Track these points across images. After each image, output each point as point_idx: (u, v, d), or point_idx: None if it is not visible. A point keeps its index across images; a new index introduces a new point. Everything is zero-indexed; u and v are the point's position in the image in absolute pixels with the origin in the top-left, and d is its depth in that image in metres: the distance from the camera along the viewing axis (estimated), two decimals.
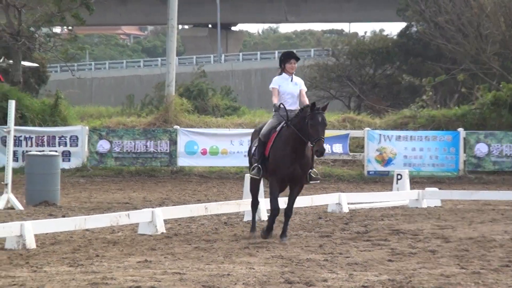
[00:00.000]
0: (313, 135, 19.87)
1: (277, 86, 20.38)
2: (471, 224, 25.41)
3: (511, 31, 51.62)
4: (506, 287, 14.93)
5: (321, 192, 34.30)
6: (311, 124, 19.88)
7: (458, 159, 46.41)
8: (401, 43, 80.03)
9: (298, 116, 20.38)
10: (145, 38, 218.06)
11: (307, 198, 29.26)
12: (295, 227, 24.20)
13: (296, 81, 20.74)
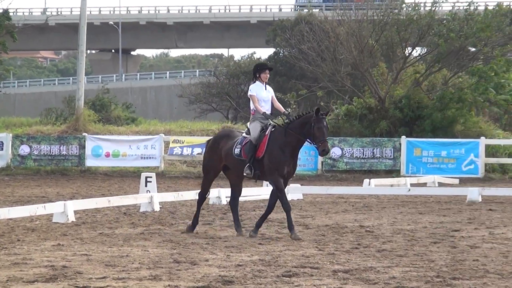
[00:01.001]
0: (318, 137, 19.19)
1: (255, 93, 19.85)
2: (327, 214, 25.52)
3: (360, 56, 52.02)
4: (356, 265, 14.99)
5: None
6: (317, 127, 19.12)
7: (317, 161, 46.75)
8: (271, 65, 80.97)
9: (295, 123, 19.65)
10: (60, 61, 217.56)
11: (191, 192, 29.23)
12: (182, 217, 24.14)
13: (268, 88, 20.28)
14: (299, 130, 19.46)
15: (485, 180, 42.48)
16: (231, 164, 19.95)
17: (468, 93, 50.83)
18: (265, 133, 19.44)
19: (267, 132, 19.47)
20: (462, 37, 51.35)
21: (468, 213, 25.76)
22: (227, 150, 19.85)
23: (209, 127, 56.69)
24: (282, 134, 19.48)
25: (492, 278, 13.67)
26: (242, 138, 19.79)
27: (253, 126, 19.70)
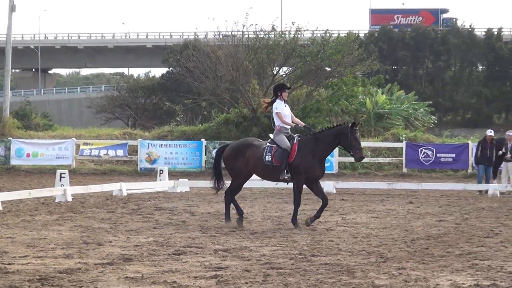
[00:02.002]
0: (355, 145, 18.78)
1: (280, 111, 19.27)
2: (210, 203, 25.43)
3: (237, 74, 52.31)
4: (233, 245, 14.96)
5: (109, 181, 33.96)
6: (353, 138, 18.71)
7: (201, 159, 46.69)
8: (163, 82, 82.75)
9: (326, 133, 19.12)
10: None
11: (98, 186, 29.02)
12: (90, 206, 23.80)
13: (287, 106, 19.81)
14: (332, 139, 19.03)
15: (338, 175, 42.81)
16: (260, 169, 19.18)
17: (324, 104, 51.60)
18: (293, 142, 18.92)
19: (295, 141, 18.97)
20: (320, 58, 52.08)
21: None
22: (257, 158, 18.95)
23: (112, 132, 56.35)
24: (311, 142, 18.93)
25: (344, 255, 13.78)
26: (269, 147, 18.94)
27: (280, 138, 18.95)
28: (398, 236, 16.60)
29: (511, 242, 15.55)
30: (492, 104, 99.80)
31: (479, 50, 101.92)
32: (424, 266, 12.51)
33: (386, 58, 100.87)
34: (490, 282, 11.06)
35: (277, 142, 18.85)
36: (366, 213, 22.12)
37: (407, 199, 27.90)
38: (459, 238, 16.20)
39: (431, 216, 21.38)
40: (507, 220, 20.33)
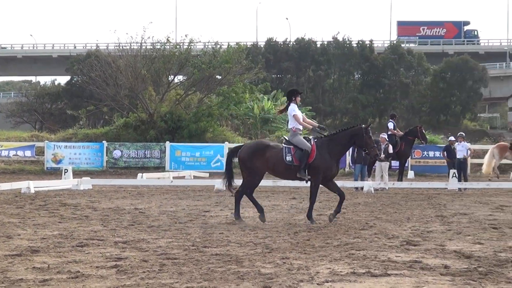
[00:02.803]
0: (370, 144, 18.79)
1: (297, 113, 18.85)
2: (110, 200, 25.20)
3: (135, 82, 52.20)
4: (132, 237, 14.85)
5: (18, 180, 33.32)
6: (368, 137, 18.70)
7: (103, 160, 46.37)
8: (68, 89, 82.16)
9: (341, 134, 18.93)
10: None
11: (8, 184, 28.48)
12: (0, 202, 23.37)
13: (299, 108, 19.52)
14: (347, 140, 18.88)
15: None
16: (280, 169, 18.70)
17: (215, 109, 51.85)
18: (311, 143, 18.63)
19: (312, 142, 18.70)
20: (211, 68, 52.33)
21: (215, 199, 25.95)
22: (278, 158, 18.50)
23: (21, 135, 55.70)
24: (327, 143, 18.70)
25: (233, 246, 13.76)
26: (287, 148, 18.53)
27: (299, 139, 18.62)
28: (282, 229, 16.67)
29: (384, 233, 15.77)
30: (367, 109, 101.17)
31: (355, 60, 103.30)
32: (306, 256, 12.58)
33: (272, 67, 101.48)
34: (365, 270, 11.19)
35: (296, 143, 18.55)
36: (253, 208, 22.13)
37: (290, 195, 28.11)
38: (337, 231, 16.36)
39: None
40: (381, 214, 20.64)
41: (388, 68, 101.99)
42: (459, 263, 11.89)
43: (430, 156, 42.92)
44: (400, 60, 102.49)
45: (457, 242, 14.52)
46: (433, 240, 14.77)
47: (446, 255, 12.82)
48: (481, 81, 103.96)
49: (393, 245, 13.97)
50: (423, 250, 13.40)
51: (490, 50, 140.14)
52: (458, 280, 10.46)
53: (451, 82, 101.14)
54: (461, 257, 12.57)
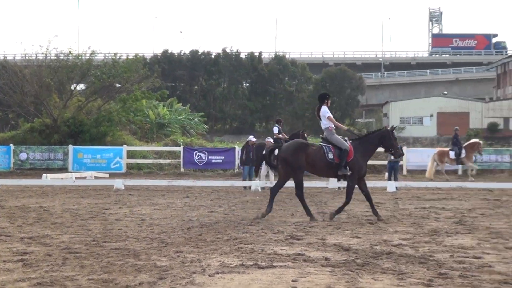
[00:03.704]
0: (396, 145, 19.07)
1: (331, 114, 18.78)
2: (17, 198, 24.67)
3: (40, 90, 51.40)
4: (37, 233, 14.53)
5: None
6: (394, 138, 18.99)
7: (10, 161, 45.44)
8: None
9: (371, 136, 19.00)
10: None
11: None
12: None
13: None
14: (376, 141, 18.87)
15: (127, 174, 42.59)
16: (320, 166, 18.35)
17: (115, 115, 51.39)
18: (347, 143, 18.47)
19: (348, 143, 18.51)
20: (111, 77, 52.09)
21: (115, 197, 25.63)
22: (319, 156, 18.26)
23: None
24: (359, 144, 18.69)
25: (131, 241, 13.63)
26: (328, 146, 18.37)
27: (337, 138, 18.49)
28: (176, 225, 16.56)
29: (270, 229, 15.82)
30: (254, 115, 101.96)
31: (244, 70, 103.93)
32: (198, 250, 12.53)
33: (167, 76, 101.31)
34: (252, 262, 11.20)
35: (335, 142, 18.45)
36: (150, 206, 21.98)
37: (184, 194, 27.97)
38: (227, 226, 16.34)
39: (204, 208, 21.49)
40: None
41: (274, 78, 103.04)
42: (339, 255, 12.01)
43: None
44: (284, 70, 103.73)
45: (337, 236, 14.67)
46: (315, 234, 14.88)
47: (327, 248, 12.93)
48: (359, 89, 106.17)
49: (279, 239, 14.02)
50: (306, 243, 13.49)
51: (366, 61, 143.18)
52: (337, 271, 10.56)
53: (331, 90, 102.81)
54: (340, 250, 12.69)
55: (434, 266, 10.99)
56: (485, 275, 10.29)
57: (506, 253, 12.25)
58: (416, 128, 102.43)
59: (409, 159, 43.47)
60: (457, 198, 25.29)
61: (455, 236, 14.61)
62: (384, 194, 27.74)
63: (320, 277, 10.09)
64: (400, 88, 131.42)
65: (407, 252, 12.39)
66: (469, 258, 11.76)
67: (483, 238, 14.31)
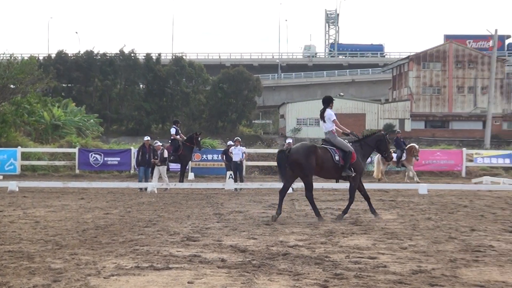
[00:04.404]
0: (388, 148, 20.31)
1: (336, 118, 19.40)
2: None
3: None
4: None
5: None
6: (388, 142, 20.22)
7: None
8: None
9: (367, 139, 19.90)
10: None
11: None
12: None
13: None
14: (373, 144, 19.88)
15: (21, 176, 41.74)
16: (328, 168, 18.86)
17: (9, 117, 50.52)
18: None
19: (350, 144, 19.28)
20: (5, 78, 51.10)
21: (9, 199, 25.11)
22: (327, 158, 18.81)
23: None
24: (359, 146, 19.53)
25: (25, 243, 13.46)
26: (333, 149, 18.98)
27: (341, 141, 19.28)
28: (71, 227, 16.38)
29: (166, 230, 15.81)
30: (151, 116, 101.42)
31: (140, 71, 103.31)
32: (93, 252, 12.45)
33: (63, 77, 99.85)
34: (148, 264, 11.19)
35: (339, 145, 19.14)
36: (44, 208, 21.65)
37: (79, 195, 27.61)
38: (123, 228, 16.25)
39: (100, 209, 21.29)
40: (163, 212, 20.64)
41: (171, 79, 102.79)
42: (235, 257, 12.11)
43: (209, 159, 43.41)
44: (182, 71, 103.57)
45: (233, 237, 14.76)
46: (211, 236, 14.95)
47: (223, 249, 13.01)
48: (256, 91, 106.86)
49: (175, 241, 14.03)
50: (202, 245, 13.54)
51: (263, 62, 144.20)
52: (233, 272, 10.65)
53: (228, 91, 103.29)
54: (236, 251, 12.79)
55: (330, 266, 11.19)
56: (380, 275, 10.54)
57: (401, 253, 12.57)
58: (313, 129, 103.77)
59: None
60: None
61: (351, 237, 14.92)
62: None
63: (216, 279, 10.16)
64: (297, 89, 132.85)
65: (303, 253, 12.58)
66: (365, 258, 12.02)
67: (378, 238, 14.65)
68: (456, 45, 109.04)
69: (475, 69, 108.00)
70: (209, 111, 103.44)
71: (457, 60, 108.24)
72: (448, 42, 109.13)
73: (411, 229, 16.35)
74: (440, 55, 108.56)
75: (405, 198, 26.13)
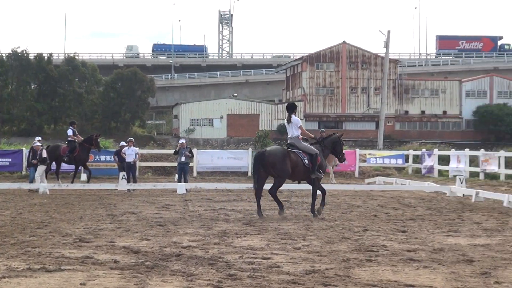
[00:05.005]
0: (342, 150, 21.43)
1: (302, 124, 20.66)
2: None
3: None
4: None
5: None
6: (342, 144, 21.35)
7: None
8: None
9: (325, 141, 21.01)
10: None
11: None
12: None
13: None
14: (330, 146, 21.02)
15: None
16: (299, 170, 19.79)
17: None
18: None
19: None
20: None
21: None
22: (299, 161, 19.67)
23: None
24: (319, 147, 20.59)
25: None
26: (301, 153, 19.80)
27: (307, 145, 20.13)
28: None
29: (58, 232, 15.62)
30: (43, 116, 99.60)
31: (32, 71, 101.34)
32: None
33: None
34: (40, 265, 11.07)
35: (305, 149, 19.91)
36: None
37: None
38: (14, 229, 15.98)
39: None
40: (55, 213, 20.37)
41: (64, 79, 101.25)
42: (128, 258, 12.08)
43: (102, 160, 42.94)
44: (74, 72, 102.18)
45: (126, 238, 14.71)
46: (104, 237, 14.86)
47: (116, 250, 12.96)
48: (149, 91, 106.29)
49: (67, 242, 13.89)
50: (95, 246, 13.45)
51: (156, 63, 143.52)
52: (126, 273, 10.63)
53: (122, 92, 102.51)
54: (129, 252, 12.76)
55: (224, 267, 11.27)
56: (273, 275, 10.66)
57: (294, 254, 12.74)
58: (207, 130, 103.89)
59: (199, 161, 43.90)
60: (246, 200, 25.80)
61: (245, 237, 15.04)
62: (174, 196, 27.94)
63: (109, 280, 10.13)
64: (190, 90, 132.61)
65: (197, 253, 12.63)
66: (258, 259, 12.14)
67: (272, 239, 14.80)
68: (349, 46, 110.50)
69: (368, 70, 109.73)
70: (102, 111, 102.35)
71: (350, 61, 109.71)
72: (341, 43, 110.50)
73: (304, 229, 16.56)
74: (333, 55, 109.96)
75: (299, 198, 26.42)
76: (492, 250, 13.42)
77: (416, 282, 10.27)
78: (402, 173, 45.62)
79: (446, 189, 29.62)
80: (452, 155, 43.31)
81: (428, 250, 13.28)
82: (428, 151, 46.56)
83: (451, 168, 42.16)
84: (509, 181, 35.46)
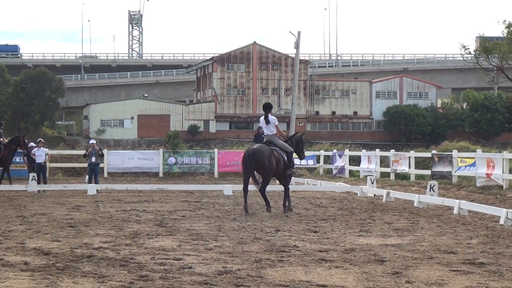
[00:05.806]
0: (302, 149, 22.59)
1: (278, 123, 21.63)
2: None
3: None
4: None
5: None
6: (304, 143, 22.73)
7: None
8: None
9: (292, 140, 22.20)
10: None
11: None
12: None
13: None
14: (295, 144, 22.12)
15: None
16: (279, 166, 20.92)
17: None
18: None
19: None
20: None
21: None
22: (280, 158, 20.89)
23: None
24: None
25: None
26: (280, 150, 21.07)
27: (282, 143, 21.53)
28: None
29: None
30: None
31: None
32: None
33: None
34: None
35: (281, 146, 21.26)
36: None
37: None
38: None
39: None
40: None
41: None
42: (39, 260, 11.90)
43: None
44: None
45: (37, 240, 14.49)
46: (14, 238, 14.61)
47: (26, 252, 12.75)
48: (59, 92, 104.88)
49: None
50: (5, 248, 13.21)
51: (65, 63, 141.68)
52: (37, 275, 10.47)
53: (31, 92, 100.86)
54: (40, 254, 12.57)
55: (135, 268, 11.19)
56: (185, 276, 10.63)
57: (206, 254, 12.72)
58: (117, 131, 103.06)
59: (110, 162, 43.46)
60: (158, 200, 25.72)
61: (156, 238, 14.96)
62: (85, 197, 27.61)
63: (19, 282, 9.96)
64: (100, 90, 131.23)
65: (108, 255, 12.52)
66: (170, 260, 12.09)
67: (183, 240, 14.75)
68: (260, 47, 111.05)
69: (279, 71, 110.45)
70: (12, 112, 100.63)
71: (261, 62, 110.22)
72: (252, 44, 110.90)
73: (216, 230, 16.53)
74: (244, 56, 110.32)
75: (211, 199, 26.42)
76: (403, 250, 13.60)
77: (328, 282, 10.33)
78: (313, 174, 46.01)
79: (357, 189, 29.89)
80: (363, 156, 43.76)
81: (339, 250, 13.39)
82: (339, 152, 46.98)
83: (362, 168, 42.63)
84: (419, 181, 36.05)
